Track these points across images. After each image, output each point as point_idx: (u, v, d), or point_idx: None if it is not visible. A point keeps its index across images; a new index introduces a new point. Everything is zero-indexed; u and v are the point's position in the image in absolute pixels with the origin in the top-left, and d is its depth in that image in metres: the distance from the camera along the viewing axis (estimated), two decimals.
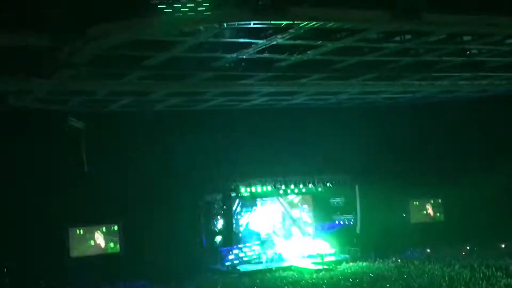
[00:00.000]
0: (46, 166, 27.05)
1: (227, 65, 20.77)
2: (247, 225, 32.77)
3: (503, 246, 30.49)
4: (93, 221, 28.97)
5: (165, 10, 14.58)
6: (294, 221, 33.95)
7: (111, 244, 29.32)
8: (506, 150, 32.80)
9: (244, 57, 19.68)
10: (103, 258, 28.72)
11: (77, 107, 26.49)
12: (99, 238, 29.20)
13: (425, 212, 35.11)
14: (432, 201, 35.11)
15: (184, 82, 22.81)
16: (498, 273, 23.05)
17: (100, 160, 27.87)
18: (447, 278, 23.09)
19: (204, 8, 14.60)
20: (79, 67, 19.33)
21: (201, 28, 16.03)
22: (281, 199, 33.68)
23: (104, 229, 29.29)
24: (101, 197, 28.05)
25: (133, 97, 25.75)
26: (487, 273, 23.29)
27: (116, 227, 29.33)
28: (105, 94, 24.57)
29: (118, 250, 29.26)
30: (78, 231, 28.76)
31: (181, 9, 14.61)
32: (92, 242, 29.04)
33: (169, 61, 19.73)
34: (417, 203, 34.92)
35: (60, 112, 26.63)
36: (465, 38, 20.17)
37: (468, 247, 30.87)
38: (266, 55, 19.76)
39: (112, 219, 29.22)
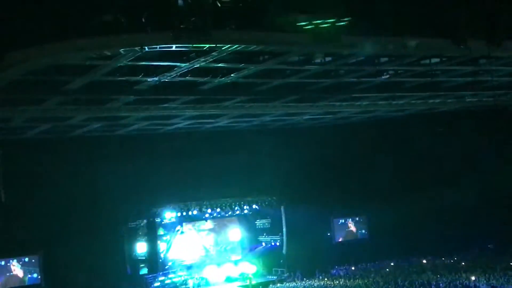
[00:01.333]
0: None
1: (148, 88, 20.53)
2: (170, 250, 32.27)
3: (424, 261, 31.28)
4: (12, 253, 27.86)
5: (86, 34, 14.29)
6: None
7: (32, 276, 28.23)
8: (428, 167, 33.85)
9: (166, 80, 19.50)
10: None
11: None
12: (20, 270, 28.09)
13: (349, 230, 35.66)
14: (356, 219, 35.74)
15: (105, 107, 22.38)
16: None
17: (18, 189, 26.90)
18: None
19: (125, 31, 14.40)
20: None
21: (122, 51, 15.79)
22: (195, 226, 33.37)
23: (25, 260, 28.22)
24: (21, 228, 27.06)
25: (52, 123, 25.05)
26: None
27: (36, 258, 28.29)
28: (22, 121, 23.78)
29: (39, 282, 28.24)
30: None
31: (102, 33, 14.35)
32: (12, 274, 27.88)
33: (89, 86, 19.33)
34: (341, 221, 35.45)
35: None
36: (382, 59, 20.72)
37: (392, 264, 31.50)
38: (189, 78, 19.66)
39: (33, 249, 28.19)
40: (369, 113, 30.94)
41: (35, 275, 28.17)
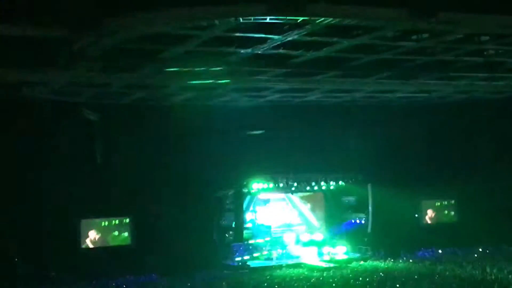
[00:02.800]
0: (59, 158, 27.16)
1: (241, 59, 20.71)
2: (258, 221, 32.72)
3: None
4: (105, 213, 28.97)
5: (182, 4, 14.58)
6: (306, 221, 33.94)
7: (123, 237, 29.33)
8: None
9: (259, 52, 19.61)
10: (114, 250, 28.75)
11: (92, 98, 26.54)
12: (111, 230, 29.24)
13: (437, 212, 34.85)
14: (445, 202, 34.85)
15: (198, 77, 22.79)
16: (510, 276, 22.89)
17: (114, 152, 27.92)
18: (458, 280, 22.96)
19: (221, 2, 14.61)
20: (95, 60, 19.37)
21: (217, 22, 16.00)
22: (291, 197, 33.65)
23: (116, 221, 29.30)
24: (114, 189, 28.13)
25: (147, 90, 25.79)
26: (499, 276, 23.13)
27: (128, 220, 29.34)
28: (120, 87, 24.60)
29: (130, 243, 29.31)
30: (90, 222, 28.83)
31: (199, 3, 14.60)
32: (103, 234, 29.05)
33: (184, 55, 19.72)
34: (430, 203, 34.67)
35: (74, 103, 26.71)
36: (483, 38, 20.01)
37: (480, 249, 30.67)
38: (281, 50, 19.69)
39: (125, 211, 29.21)
40: (465, 94, 29.99)
41: (123, 237, 29.20)
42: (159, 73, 21.80)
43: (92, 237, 28.73)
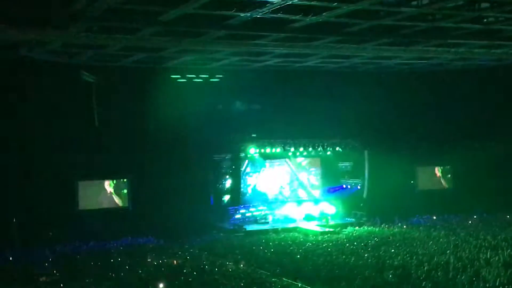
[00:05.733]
0: (57, 120, 27.15)
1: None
2: (255, 185, 32.95)
3: (508, 216, 30.44)
4: (102, 175, 29.12)
5: None
6: (300, 184, 34.14)
7: (120, 199, 29.51)
8: None
9: (258, 16, 19.49)
10: (112, 212, 28.93)
11: (90, 60, 26.44)
12: (109, 192, 29.40)
13: (433, 179, 35.01)
14: (440, 168, 34.99)
15: (196, 40, 22.67)
16: (503, 243, 23.10)
17: (112, 114, 27.90)
18: (452, 246, 23.18)
19: None
20: (93, 20, 19.25)
21: None
22: (289, 161, 33.80)
23: (113, 183, 29.44)
24: (111, 151, 28.19)
25: (145, 53, 25.66)
26: (492, 242, 23.35)
27: (125, 181, 29.47)
28: (117, 49, 24.49)
29: (127, 205, 29.49)
30: (88, 184, 28.95)
31: None
32: (101, 196, 29.22)
33: (182, 18, 19.60)
34: (425, 169, 34.79)
35: (72, 65, 26.60)
36: (483, 5, 19.89)
37: (475, 216, 30.91)
38: (280, 15, 19.57)
39: (122, 173, 29.35)
40: (464, 61, 29.91)
41: (121, 199, 29.36)
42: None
43: (90, 199, 28.88)
